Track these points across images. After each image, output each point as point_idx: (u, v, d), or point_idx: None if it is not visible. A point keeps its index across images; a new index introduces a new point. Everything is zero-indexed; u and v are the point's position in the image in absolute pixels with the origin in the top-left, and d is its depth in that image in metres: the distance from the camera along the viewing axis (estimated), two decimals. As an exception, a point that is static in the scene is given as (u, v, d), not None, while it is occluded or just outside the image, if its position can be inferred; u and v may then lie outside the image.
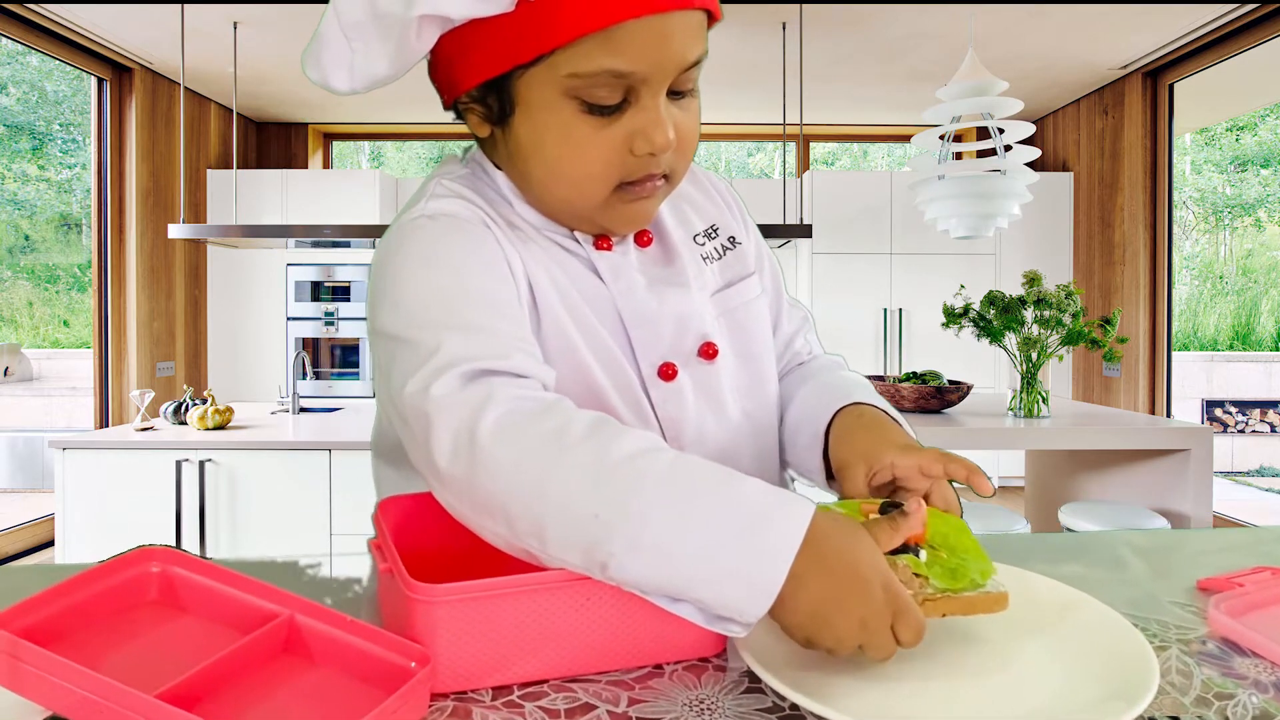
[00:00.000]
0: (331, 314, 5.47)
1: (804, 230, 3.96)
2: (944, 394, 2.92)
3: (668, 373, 0.76)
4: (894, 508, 0.61)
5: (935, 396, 2.92)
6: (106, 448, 2.98)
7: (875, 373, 4.75)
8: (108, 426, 4.71)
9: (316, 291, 5.48)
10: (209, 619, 0.60)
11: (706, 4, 0.65)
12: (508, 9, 0.62)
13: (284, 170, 5.66)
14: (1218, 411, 7.17)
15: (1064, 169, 5.68)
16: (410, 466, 0.63)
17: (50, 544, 4.41)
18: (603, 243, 0.76)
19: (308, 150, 6.22)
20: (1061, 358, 2.99)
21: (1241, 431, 7.14)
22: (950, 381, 2.98)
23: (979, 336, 2.96)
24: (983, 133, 3.60)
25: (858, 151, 9.51)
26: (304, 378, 5.35)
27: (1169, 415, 4.90)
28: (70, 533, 2.98)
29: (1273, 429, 7.13)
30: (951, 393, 2.92)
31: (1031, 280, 2.87)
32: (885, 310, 5.49)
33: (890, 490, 0.70)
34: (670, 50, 0.63)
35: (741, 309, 0.83)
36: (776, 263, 0.92)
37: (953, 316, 3.00)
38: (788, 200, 5.26)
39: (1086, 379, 5.49)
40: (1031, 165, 4.34)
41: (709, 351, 0.78)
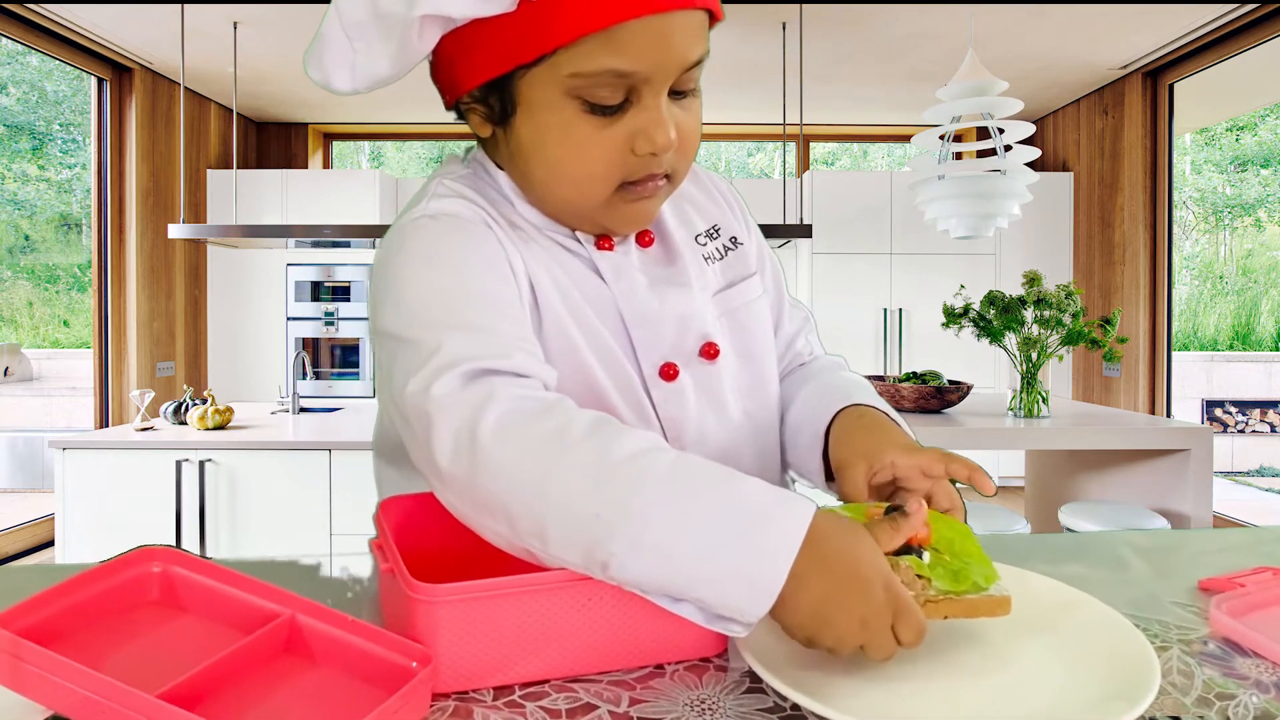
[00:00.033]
0: (331, 314, 5.47)
1: (804, 230, 3.96)
2: (944, 394, 2.92)
3: (669, 373, 0.76)
4: (897, 511, 0.61)
5: (935, 396, 2.92)
6: (106, 448, 2.98)
7: (875, 373, 4.75)
8: (108, 426, 4.71)
9: (316, 291, 5.48)
10: (210, 619, 0.60)
11: (708, 4, 0.65)
12: (509, 9, 0.62)
13: (284, 170, 5.66)
14: (1218, 411, 7.17)
15: (1064, 169, 5.68)
16: (411, 466, 0.63)
17: (50, 544, 4.41)
18: (604, 243, 0.76)
19: (308, 150, 6.21)
20: (1061, 358, 2.99)
21: (1241, 431, 7.14)
22: (950, 381, 2.98)
23: (979, 336, 2.96)
24: (983, 133, 3.60)
25: (858, 151, 9.51)
26: (304, 378, 5.35)
27: (1169, 415, 4.90)
28: (70, 533, 2.97)
29: (1273, 429, 7.13)
30: (951, 393, 2.92)
31: (1031, 280, 2.87)
32: (885, 310, 5.49)
33: (890, 490, 0.70)
34: (672, 50, 0.64)
35: (743, 309, 0.83)
36: (778, 263, 0.92)
37: (953, 316, 3.00)
38: (788, 200, 5.26)
39: (1086, 379, 5.49)
40: (1031, 165, 4.34)
41: (710, 351, 0.78)
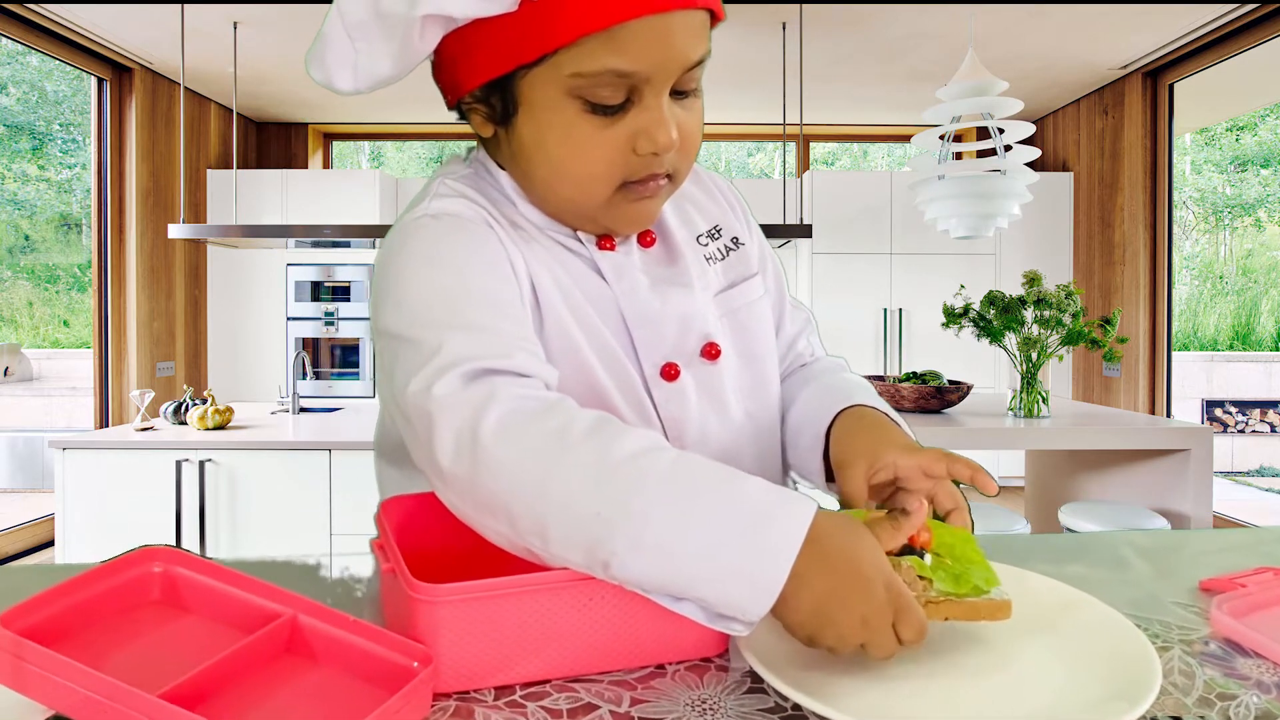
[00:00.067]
0: (331, 314, 5.47)
1: (804, 230, 3.96)
2: (944, 394, 2.92)
3: (670, 373, 0.76)
4: (898, 511, 0.61)
5: (935, 396, 2.92)
6: (106, 448, 2.98)
7: (875, 373, 4.75)
8: (108, 426, 4.71)
9: (316, 291, 5.48)
10: (211, 619, 0.60)
11: (709, 4, 0.65)
12: (511, 9, 0.62)
13: (284, 170, 5.66)
14: (1218, 411, 7.17)
15: (1064, 169, 5.68)
16: (413, 466, 0.63)
17: (50, 544, 4.41)
18: (606, 243, 0.76)
19: (308, 150, 6.21)
20: (1061, 358, 2.99)
21: (1241, 431, 7.14)
22: (950, 381, 2.98)
23: (979, 336, 2.96)
24: (983, 133, 3.60)
25: (858, 151, 9.51)
26: (304, 378, 5.35)
27: (1169, 415, 4.90)
28: (70, 533, 2.97)
29: (1273, 429, 7.13)
30: (951, 393, 2.92)
31: (1031, 280, 2.87)
32: (885, 310, 5.49)
33: (891, 491, 0.70)
34: (673, 50, 0.64)
35: (744, 310, 0.83)
36: (779, 264, 0.92)
37: (953, 316, 3.00)
38: (788, 200, 5.26)
39: (1086, 379, 5.49)
40: (1031, 165, 4.34)
41: (712, 352, 0.78)
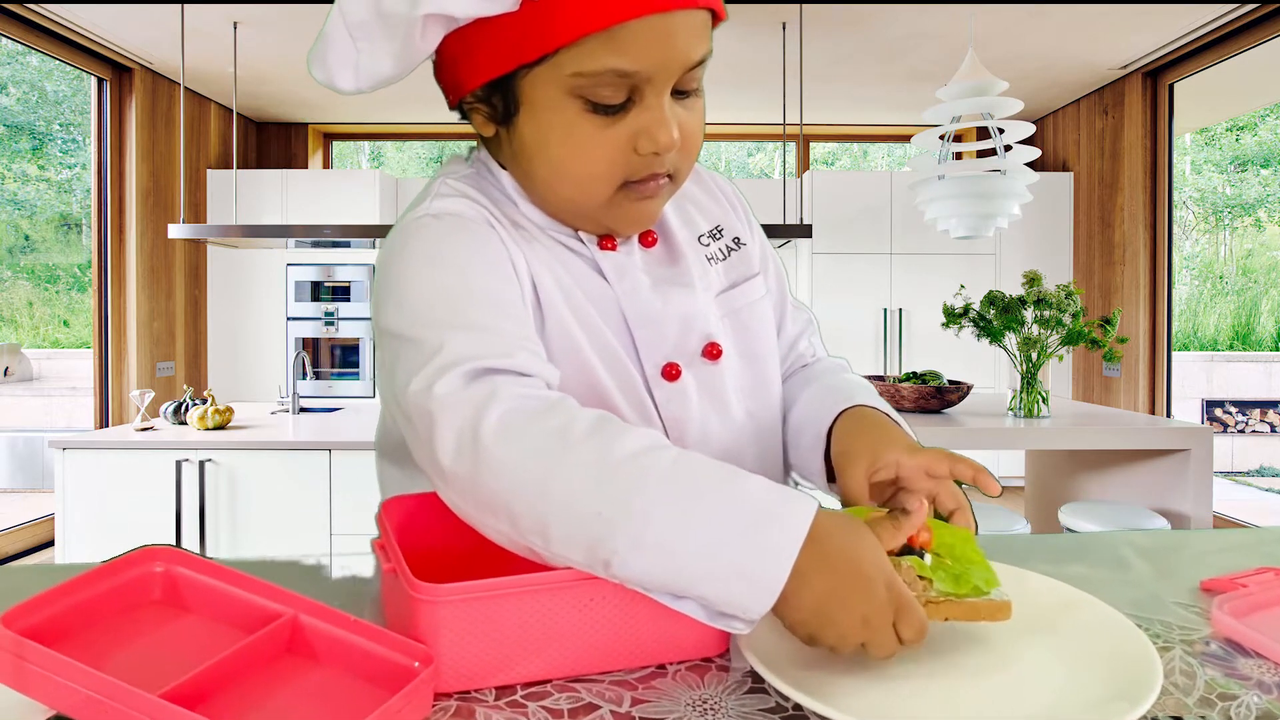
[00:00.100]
0: (331, 314, 5.47)
1: (804, 230, 3.96)
2: (944, 394, 2.92)
3: (671, 373, 0.76)
4: (899, 511, 0.61)
5: (935, 396, 2.92)
6: (106, 448, 2.98)
7: (875, 373, 4.75)
8: (108, 426, 4.71)
9: (316, 291, 5.48)
10: (213, 618, 0.60)
11: (710, 3, 0.65)
12: (512, 8, 0.62)
13: (284, 170, 5.66)
14: (1218, 411, 7.17)
15: (1064, 169, 5.68)
16: (414, 465, 0.63)
17: (50, 544, 4.41)
18: (607, 243, 0.76)
19: (308, 150, 6.21)
20: (1061, 358, 2.99)
21: (1241, 431, 7.14)
22: (950, 381, 2.98)
23: (979, 336, 2.96)
24: (983, 133, 3.60)
25: (858, 151, 9.51)
26: (304, 378, 5.35)
27: (1169, 415, 4.90)
28: (70, 533, 2.97)
29: (1273, 429, 7.13)
30: (951, 393, 2.92)
31: (1031, 280, 2.87)
32: (885, 310, 5.49)
33: (893, 491, 0.70)
34: (674, 49, 0.64)
35: (746, 310, 0.83)
36: (781, 264, 0.92)
37: (953, 316, 3.00)
38: (788, 200, 5.26)
39: (1086, 379, 5.49)
40: (1031, 165, 4.34)
41: (713, 352, 0.78)
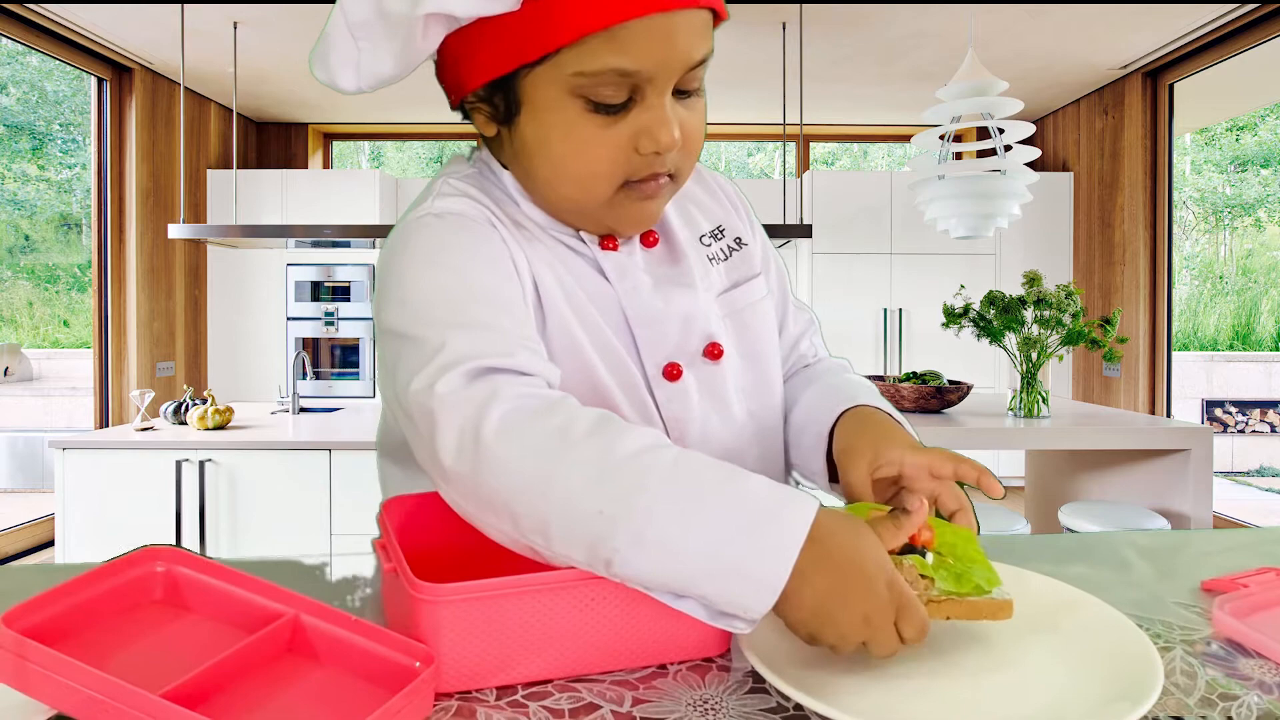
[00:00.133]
0: (331, 314, 5.47)
1: (804, 230, 3.96)
2: (944, 394, 2.92)
3: (672, 373, 0.76)
4: (899, 510, 0.61)
5: (935, 396, 2.92)
6: (106, 448, 2.98)
7: (875, 373, 4.75)
8: (108, 426, 4.71)
9: (316, 291, 5.48)
10: (214, 618, 0.60)
11: (712, 3, 0.66)
12: (513, 8, 0.62)
13: (284, 170, 5.66)
14: (1218, 411, 7.17)
15: (1064, 169, 5.68)
16: (416, 464, 0.63)
17: (50, 544, 4.41)
18: (609, 243, 0.76)
19: (308, 150, 6.21)
20: (1061, 358, 2.99)
21: (1241, 431, 7.14)
22: (950, 381, 2.98)
23: (979, 336, 2.96)
24: (983, 133, 3.60)
25: (858, 151, 9.51)
26: (304, 378, 5.35)
27: (1169, 415, 4.90)
28: (70, 533, 2.97)
29: (1273, 429, 7.13)
30: (951, 393, 2.92)
31: (1031, 280, 2.87)
32: (885, 310, 5.49)
33: (895, 491, 0.70)
34: (675, 49, 0.64)
35: (747, 310, 0.83)
36: (783, 264, 0.92)
37: (953, 316, 3.00)
38: (788, 200, 5.26)
39: (1086, 379, 5.49)
40: (1031, 165, 4.34)
41: (714, 352, 0.78)
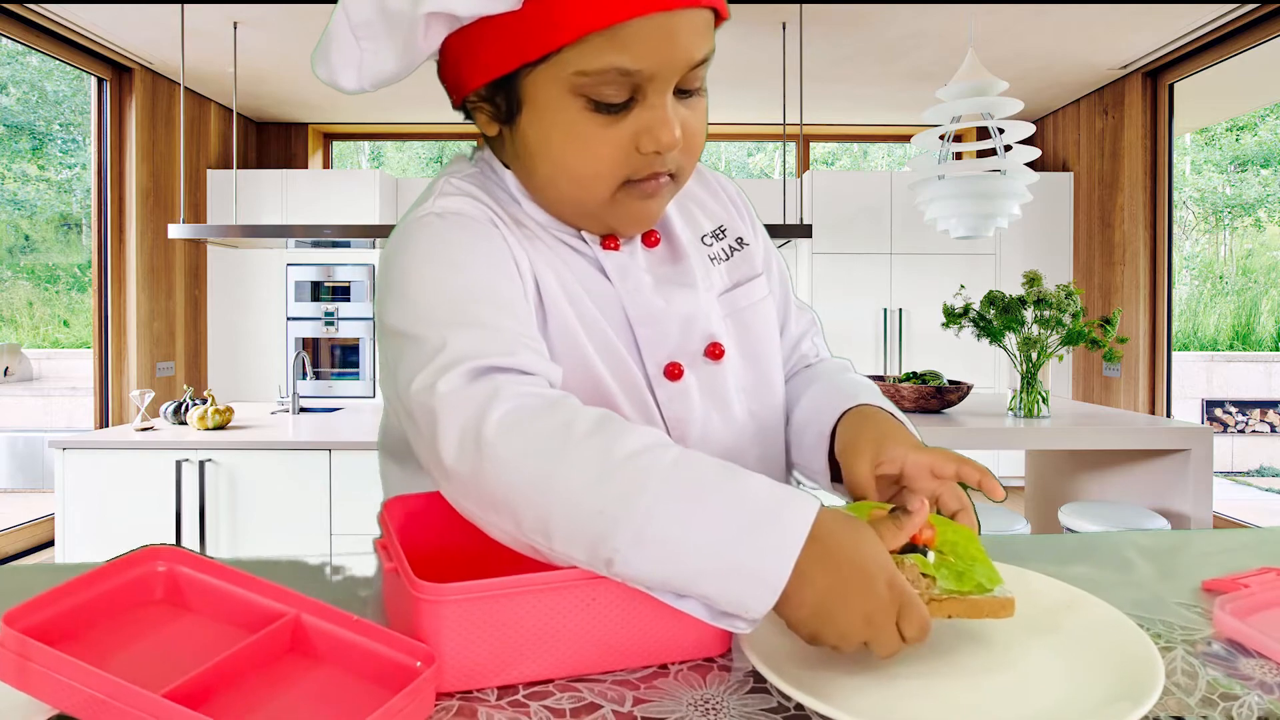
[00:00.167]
0: (331, 314, 5.47)
1: (804, 230, 3.96)
2: (944, 394, 2.92)
3: (674, 372, 0.76)
4: (900, 510, 0.61)
5: (935, 396, 2.92)
6: (106, 448, 2.98)
7: (875, 373, 4.75)
8: (108, 426, 4.71)
9: (316, 291, 5.48)
10: (215, 618, 0.59)
11: (713, 2, 0.65)
12: (514, 7, 0.62)
13: (284, 170, 5.66)
14: (1218, 411, 7.17)
15: (1064, 169, 5.69)
16: (417, 463, 0.63)
17: (50, 544, 4.41)
18: (610, 242, 0.76)
19: (308, 150, 6.21)
20: (1061, 358, 2.99)
21: (1241, 431, 7.14)
22: (950, 381, 2.98)
23: (979, 336, 2.96)
24: (983, 133, 3.60)
25: (858, 151, 9.51)
26: (304, 378, 5.35)
27: (1169, 415, 4.90)
28: (70, 533, 2.97)
29: (1273, 429, 7.13)
30: (951, 393, 2.92)
31: (1031, 280, 2.87)
32: (885, 310, 5.49)
33: (896, 490, 0.70)
34: (677, 48, 0.64)
35: (749, 310, 0.83)
36: (784, 265, 0.92)
37: (953, 316, 3.00)
38: (788, 200, 5.26)
39: (1086, 379, 5.49)
40: (1031, 165, 4.34)
41: (715, 352, 0.78)
